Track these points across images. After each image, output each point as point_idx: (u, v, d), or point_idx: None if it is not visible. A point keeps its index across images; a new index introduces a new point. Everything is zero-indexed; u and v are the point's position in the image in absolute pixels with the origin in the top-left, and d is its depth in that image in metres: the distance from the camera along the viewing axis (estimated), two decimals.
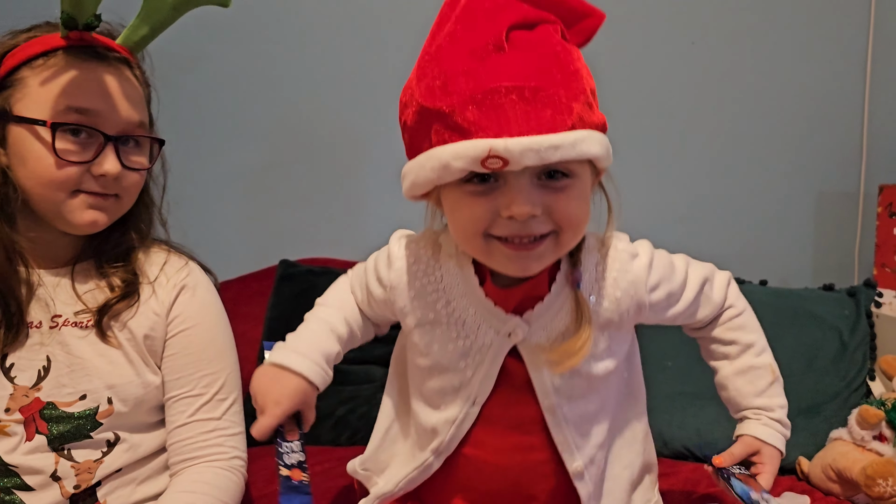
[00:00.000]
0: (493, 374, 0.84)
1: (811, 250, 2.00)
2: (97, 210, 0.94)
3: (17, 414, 0.92)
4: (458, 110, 0.70)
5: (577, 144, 0.70)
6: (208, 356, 1.03)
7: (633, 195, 1.93)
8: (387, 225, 1.93)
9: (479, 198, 0.74)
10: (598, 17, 0.81)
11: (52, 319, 0.96)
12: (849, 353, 1.53)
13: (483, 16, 0.72)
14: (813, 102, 1.96)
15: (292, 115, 1.95)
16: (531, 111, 0.69)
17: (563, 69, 0.72)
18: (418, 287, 0.87)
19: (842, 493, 1.30)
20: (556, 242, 0.77)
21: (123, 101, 0.94)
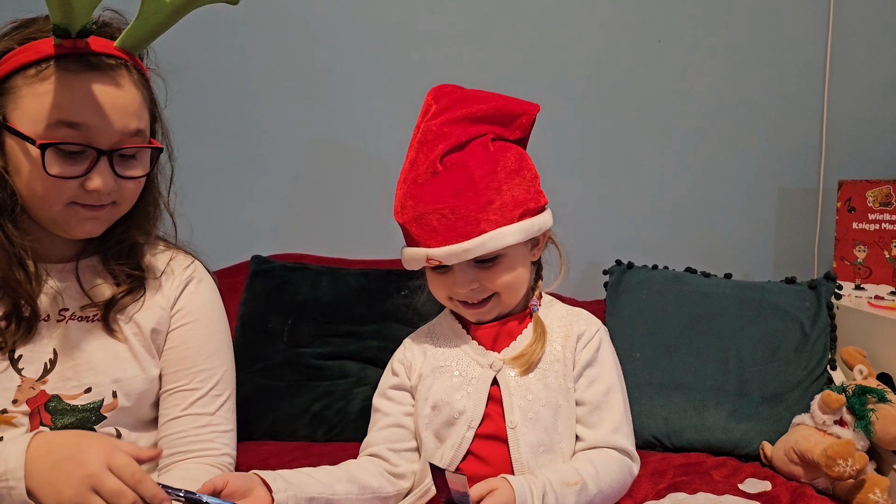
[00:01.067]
0: (483, 400, 1.02)
1: (773, 244, 2.05)
2: (92, 220, 0.94)
3: (24, 406, 0.93)
4: (408, 226, 1.02)
5: (485, 244, 0.97)
6: (206, 352, 1.04)
7: (597, 193, 1.99)
8: (360, 221, 1.96)
9: (438, 277, 1.05)
10: (531, 113, 1.06)
11: (60, 313, 0.97)
12: (810, 343, 1.58)
13: (427, 146, 1.00)
14: (773, 100, 2.01)
15: (265, 111, 1.95)
16: (449, 225, 0.98)
17: (474, 187, 0.98)
18: (423, 346, 1.11)
19: (803, 476, 1.34)
20: (499, 301, 1.05)
21: (117, 112, 0.91)
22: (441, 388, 1.04)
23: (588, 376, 1.04)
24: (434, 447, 1.03)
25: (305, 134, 1.96)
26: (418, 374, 1.07)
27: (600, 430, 1.01)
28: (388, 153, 1.94)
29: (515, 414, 0.99)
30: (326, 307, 1.69)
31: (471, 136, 1.01)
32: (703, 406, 1.53)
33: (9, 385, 0.93)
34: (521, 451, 0.98)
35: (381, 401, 1.10)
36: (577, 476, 0.93)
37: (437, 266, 1.02)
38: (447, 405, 1.02)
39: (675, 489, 1.32)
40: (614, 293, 1.76)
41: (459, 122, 1.01)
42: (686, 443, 1.52)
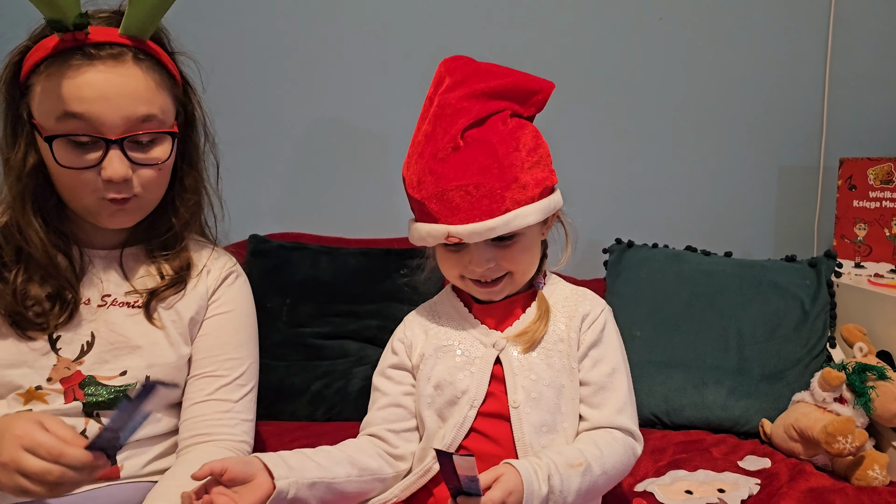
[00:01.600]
0: (486, 379, 1.01)
1: (773, 222, 2.05)
2: (121, 212, 0.96)
3: (58, 384, 0.96)
4: (427, 202, 0.98)
5: (509, 223, 0.96)
6: (236, 342, 1.07)
7: (597, 172, 1.98)
8: (359, 200, 1.96)
9: (452, 255, 1.02)
10: (547, 90, 1.05)
11: (102, 298, 1.00)
12: (810, 321, 1.58)
13: (446, 119, 0.98)
14: (774, 78, 1.99)
15: (263, 90, 1.93)
16: (473, 203, 0.95)
17: (499, 164, 0.96)
18: (425, 325, 1.09)
19: (802, 453, 1.35)
20: (511, 280, 1.03)
21: (121, 99, 0.91)
22: (444, 368, 1.03)
23: (593, 357, 1.03)
24: (436, 427, 1.02)
25: (304, 113, 1.95)
26: (420, 354, 1.06)
27: (604, 410, 1.01)
28: (388, 132, 1.93)
29: (518, 394, 0.99)
30: (325, 287, 1.68)
31: (490, 111, 0.99)
32: (703, 384, 1.53)
33: (45, 363, 0.96)
34: (524, 430, 0.98)
35: (381, 380, 1.09)
36: (581, 457, 0.93)
37: (452, 244, 1.00)
38: (450, 385, 1.02)
39: (676, 467, 1.33)
40: (614, 272, 1.76)
41: (478, 97, 0.99)
42: (686, 420, 1.52)
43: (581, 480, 0.91)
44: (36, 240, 0.95)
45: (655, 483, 1.26)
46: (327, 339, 1.64)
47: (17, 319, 0.95)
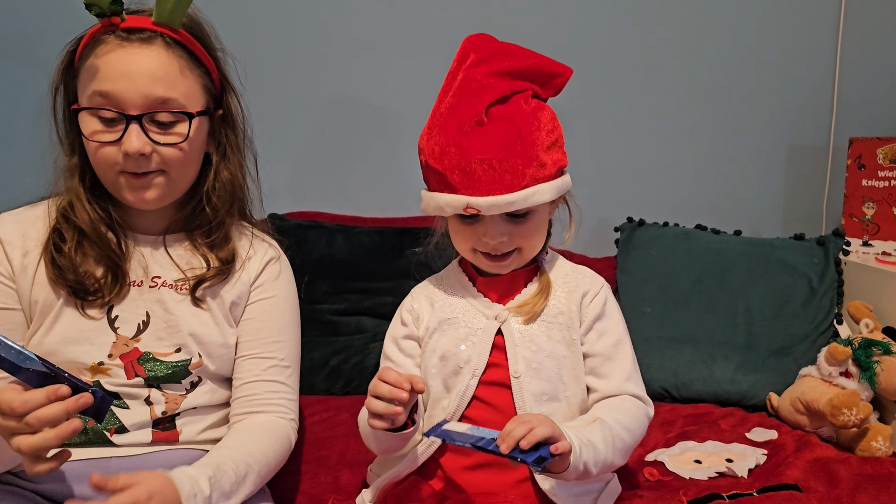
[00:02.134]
0: (487, 350, 1.05)
1: (782, 201, 2.07)
2: (141, 190, 1.00)
3: (118, 360, 1.03)
4: (449, 173, 1.00)
5: (528, 198, 0.99)
6: (279, 325, 1.13)
7: (607, 150, 2.00)
8: (375, 180, 1.98)
9: (466, 226, 1.04)
10: (566, 75, 1.08)
11: (153, 279, 1.06)
12: (817, 298, 1.61)
13: (471, 94, 1.01)
14: (785, 56, 2.00)
15: (280, 69, 1.95)
16: (496, 177, 0.98)
17: (522, 141, 0.99)
18: (431, 296, 1.13)
19: (808, 425, 1.39)
20: (520, 256, 1.06)
21: (142, 79, 0.96)
22: (448, 340, 1.07)
23: (597, 329, 1.07)
24: (441, 396, 1.06)
25: (320, 92, 1.97)
26: (426, 327, 1.10)
27: (612, 379, 1.05)
28: (404, 112, 1.95)
29: (519, 364, 1.03)
30: (341, 264, 1.72)
31: (513, 90, 1.02)
32: (712, 359, 1.57)
33: (105, 340, 1.02)
34: (525, 399, 1.02)
35: (393, 350, 1.12)
36: (590, 417, 0.98)
37: (468, 216, 1.02)
38: (453, 355, 1.05)
39: (685, 438, 1.37)
40: (625, 250, 1.79)
41: (502, 75, 1.02)
42: (694, 394, 1.56)
43: (602, 432, 0.94)
44: (84, 214, 1.02)
45: (665, 453, 1.30)
46: (344, 316, 1.68)
47: (76, 289, 1.01)
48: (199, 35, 1.04)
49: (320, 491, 1.18)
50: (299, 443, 1.36)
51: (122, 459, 1.00)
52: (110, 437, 1.01)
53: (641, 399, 1.05)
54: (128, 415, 1.02)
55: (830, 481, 1.18)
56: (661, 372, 1.57)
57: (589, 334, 1.07)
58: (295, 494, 1.17)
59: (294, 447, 1.32)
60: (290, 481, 1.21)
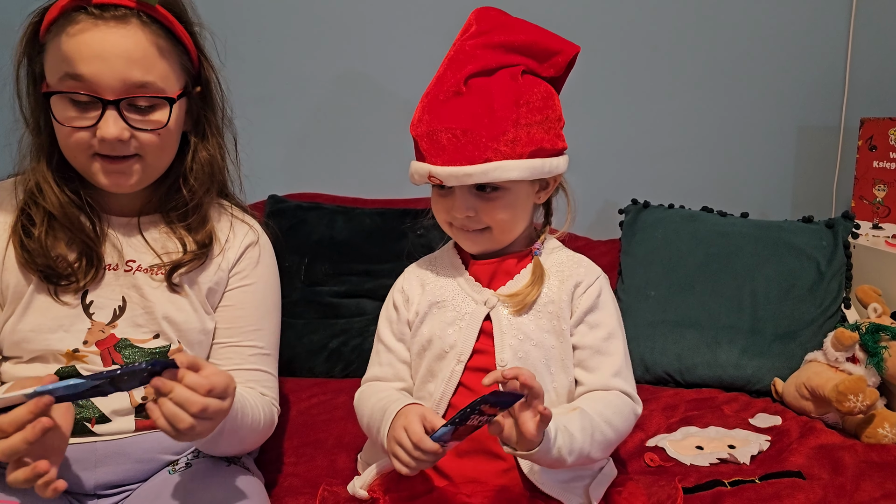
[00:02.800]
0: (473, 335, 1.02)
1: (791, 183, 2.04)
2: (117, 174, 0.97)
3: (94, 347, 0.99)
4: (419, 140, 1.00)
5: (487, 172, 0.96)
6: (259, 313, 1.10)
7: (612, 131, 1.97)
8: (375, 161, 1.96)
9: (441, 199, 1.03)
10: (569, 53, 1.03)
11: (127, 264, 1.02)
12: (825, 282, 1.59)
13: (456, 64, 0.99)
14: (796, 36, 1.96)
15: (280, 48, 1.93)
16: (458, 147, 0.96)
17: (492, 115, 0.96)
18: (422, 277, 1.10)
19: (813, 411, 1.37)
20: (490, 236, 1.03)
21: (118, 62, 0.91)
22: (435, 324, 1.05)
23: (588, 322, 1.03)
24: (426, 380, 1.04)
25: (320, 72, 1.94)
26: (415, 311, 1.07)
27: (600, 374, 1.01)
28: (406, 91, 1.91)
29: (506, 352, 1.00)
30: (342, 246, 1.71)
31: (501, 63, 0.99)
32: (716, 343, 1.55)
33: (80, 327, 0.99)
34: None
35: (387, 334, 1.10)
36: (571, 406, 0.96)
37: (439, 186, 1.01)
38: (439, 339, 1.03)
39: (687, 423, 1.35)
40: (630, 232, 1.76)
41: (494, 47, 0.99)
42: (698, 379, 1.54)
43: (581, 421, 0.92)
44: (53, 198, 0.97)
45: (667, 438, 1.28)
46: (344, 298, 1.67)
47: (47, 274, 0.97)
48: (177, 10, 0.99)
49: (316, 474, 1.17)
50: (296, 424, 1.36)
51: (107, 444, 0.99)
52: (91, 427, 0.98)
53: (630, 396, 1.01)
54: (106, 403, 0.99)
55: (835, 468, 1.16)
56: (664, 356, 1.56)
57: (580, 326, 1.03)
58: (290, 477, 1.16)
59: (291, 429, 1.34)
60: (287, 464, 1.21)
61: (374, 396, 1.03)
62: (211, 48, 1.06)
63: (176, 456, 1.04)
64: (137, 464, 1.01)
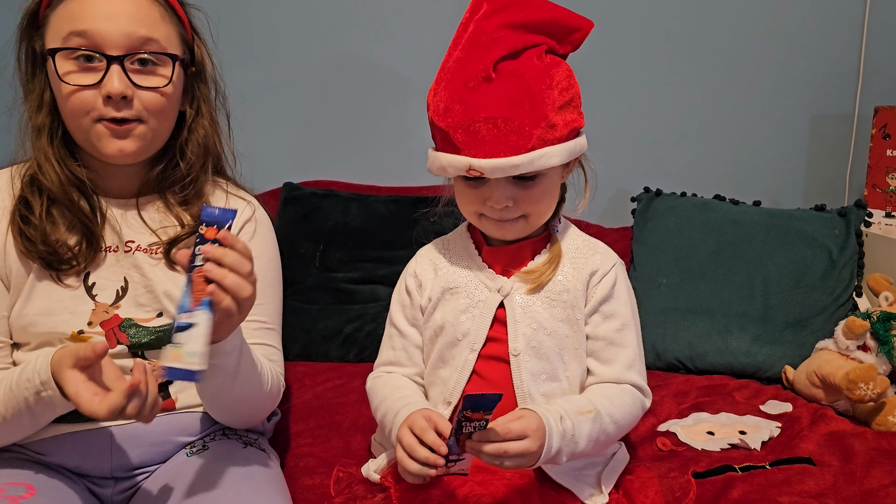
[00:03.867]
0: (487, 323, 1.02)
1: (804, 172, 2.03)
2: (121, 139, 0.97)
3: (98, 327, 1.00)
4: (452, 132, 0.95)
5: (534, 161, 0.93)
6: (262, 287, 1.07)
7: (625, 119, 1.97)
8: (389, 148, 1.97)
9: (472, 189, 0.99)
10: (586, 29, 1.01)
11: (126, 244, 1.04)
12: (837, 270, 1.59)
13: (481, 48, 0.95)
14: (810, 23, 1.95)
15: (293, 34, 1.94)
16: (500, 137, 0.92)
17: (531, 100, 0.93)
18: (435, 261, 1.09)
19: (824, 399, 1.38)
20: (526, 223, 1.01)
21: (123, 18, 0.94)
22: (448, 310, 1.04)
23: (603, 312, 1.02)
24: (438, 366, 1.04)
25: (334, 58, 1.95)
26: (428, 297, 1.06)
27: (613, 366, 1.01)
28: (418, 76, 1.93)
29: (519, 341, 1.00)
30: (356, 233, 1.72)
31: (526, 44, 0.95)
32: (728, 330, 1.55)
33: (84, 309, 1.00)
34: (523, 378, 0.99)
35: (400, 318, 1.10)
36: (590, 405, 0.95)
37: (473, 178, 0.97)
38: (452, 326, 1.02)
39: (698, 409, 1.36)
40: (642, 220, 1.77)
41: (515, 27, 0.95)
42: (709, 366, 1.55)
43: (591, 427, 0.93)
44: (54, 177, 0.98)
45: (678, 424, 1.29)
46: (358, 284, 1.69)
47: (49, 260, 0.98)
48: None
49: (331, 455, 1.19)
50: (312, 407, 1.38)
51: (122, 428, 1.00)
52: None
53: (641, 390, 1.02)
54: None
55: (845, 455, 1.17)
56: (675, 343, 1.57)
57: (594, 316, 1.02)
58: (306, 458, 1.19)
59: (307, 411, 1.35)
60: (303, 445, 1.23)
61: (385, 389, 1.04)
62: (205, 30, 1.08)
63: (191, 438, 1.06)
64: (153, 447, 1.03)
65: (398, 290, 1.12)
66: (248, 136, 1.91)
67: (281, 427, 1.28)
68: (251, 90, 1.92)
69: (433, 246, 1.12)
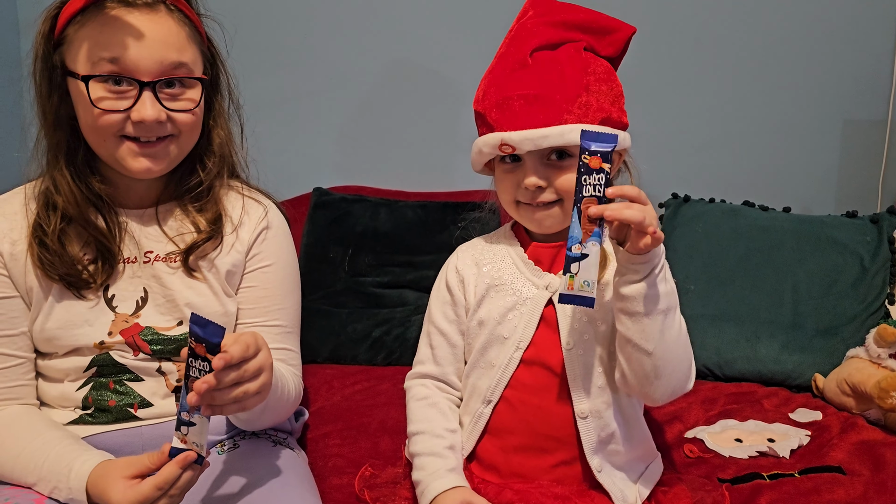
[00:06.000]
0: (534, 322, 1.01)
1: (836, 178, 2.01)
2: (147, 157, 0.99)
3: (119, 336, 1.02)
4: (487, 113, 0.99)
5: (564, 134, 0.94)
6: (281, 292, 1.11)
7: (654, 125, 1.97)
8: (418, 154, 1.99)
9: (508, 174, 1.01)
10: (626, 31, 1.04)
11: (145, 255, 1.05)
12: (869, 277, 1.57)
13: (519, 41, 1.00)
14: (842, 27, 1.93)
15: (324, 41, 1.97)
16: (531, 111, 0.95)
17: (564, 79, 0.95)
18: (478, 257, 1.08)
19: (855, 407, 1.36)
20: (562, 209, 1.00)
21: (155, 45, 0.95)
22: (493, 307, 1.03)
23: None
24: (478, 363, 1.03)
25: (366, 65, 1.98)
26: (472, 293, 1.06)
27: None
28: (447, 84, 1.95)
29: (573, 336, 0.99)
30: (384, 238, 1.74)
31: (564, 38, 0.99)
32: (756, 337, 1.55)
33: (104, 320, 1.02)
34: (577, 371, 0.99)
35: (440, 317, 1.08)
36: None
37: (508, 160, 0.99)
38: (498, 324, 1.02)
39: (726, 416, 1.36)
40: (670, 226, 1.77)
41: (555, 25, 1.00)
42: (737, 373, 1.54)
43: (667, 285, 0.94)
44: (68, 193, 0.99)
45: (706, 430, 1.29)
46: (387, 288, 1.71)
47: (70, 281, 1.00)
48: (190, 1, 1.04)
49: (360, 455, 1.21)
50: (341, 409, 1.40)
51: (153, 427, 1.03)
52: (135, 412, 1.02)
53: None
54: (144, 387, 1.03)
55: (876, 465, 1.16)
56: (703, 350, 1.56)
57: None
58: (335, 458, 1.21)
59: (336, 413, 1.38)
60: (331, 446, 1.25)
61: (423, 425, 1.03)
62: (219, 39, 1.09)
63: (219, 437, 1.09)
64: None
65: (437, 287, 1.11)
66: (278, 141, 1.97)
67: (310, 428, 1.31)
68: (283, 96, 1.97)
69: (475, 242, 1.12)
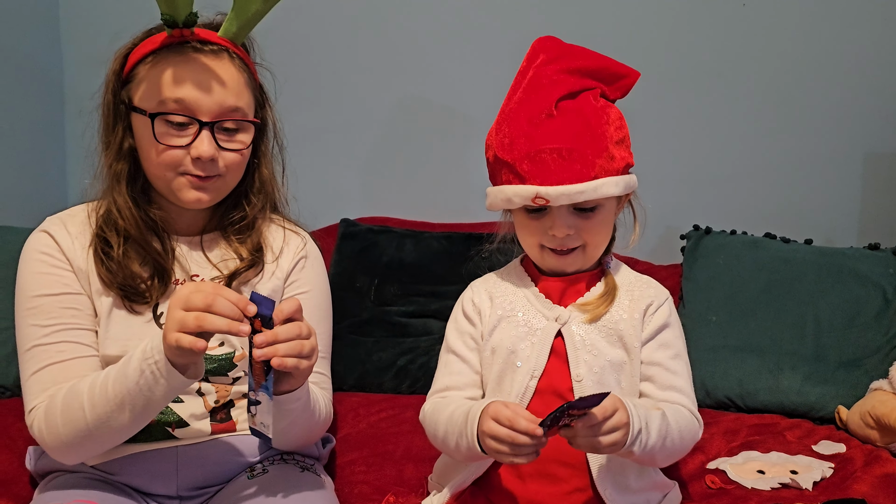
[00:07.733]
0: (546, 350, 1.05)
1: (857, 210, 2.01)
2: (200, 190, 1.07)
3: None
4: (518, 163, 1.01)
5: (598, 189, 0.99)
6: (315, 318, 1.16)
7: (675, 156, 1.99)
8: (442, 186, 2.03)
9: (533, 221, 1.05)
10: (633, 77, 1.10)
11: (192, 278, 1.13)
12: (891, 310, 1.57)
13: (542, 90, 1.03)
14: (863, 61, 1.94)
15: (351, 78, 2.03)
16: (565, 166, 0.99)
17: (592, 133, 1.00)
18: (490, 291, 1.12)
19: (879, 440, 1.36)
20: (584, 254, 1.06)
21: (218, 89, 1.05)
22: (506, 337, 1.06)
23: (659, 340, 1.06)
24: (495, 394, 1.06)
25: (390, 100, 2.04)
26: (486, 323, 1.09)
27: (668, 391, 1.04)
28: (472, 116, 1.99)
29: (581, 367, 1.03)
30: (410, 268, 1.78)
31: (582, 87, 1.04)
32: (779, 369, 1.55)
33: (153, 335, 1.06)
34: None
35: (458, 343, 1.11)
36: (655, 405, 0.99)
37: (534, 210, 1.03)
38: (512, 353, 1.05)
39: (749, 448, 1.36)
40: (691, 258, 1.78)
41: (572, 72, 1.04)
42: (760, 404, 1.54)
43: (660, 423, 0.95)
44: (131, 219, 1.08)
45: (728, 462, 1.29)
46: (412, 318, 1.74)
47: (127, 293, 1.07)
48: (248, 50, 1.14)
49: (384, 483, 1.23)
50: (366, 436, 1.43)
51: (188, 448, 1.08)
52: (172, 432, 1.07)
53: (694, 415, 1.04)
54: (183, 408, 1.08)
55: None
56: (725, 381, 1.56)
57: (650, 343, 1.06)
58: (360, 485, 1.23)
59: (362, 440, 1.40)
60: (357, 472, 1.27)
61: (448, 407, 1.05)
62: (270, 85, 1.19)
63: (253, 459, 1.13)
64: (216, 466, 1.10)
65: (454, 319, 1.15)
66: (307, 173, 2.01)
67: (336, 454, 1.33)
68: (311, 131, 2.02)
69: (487, 278, 1.16)
